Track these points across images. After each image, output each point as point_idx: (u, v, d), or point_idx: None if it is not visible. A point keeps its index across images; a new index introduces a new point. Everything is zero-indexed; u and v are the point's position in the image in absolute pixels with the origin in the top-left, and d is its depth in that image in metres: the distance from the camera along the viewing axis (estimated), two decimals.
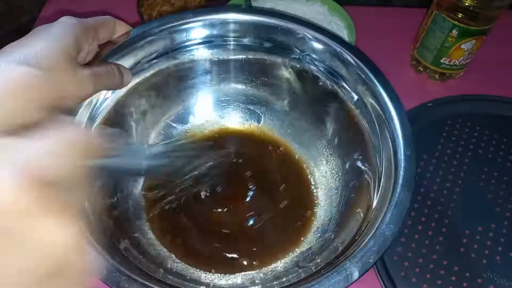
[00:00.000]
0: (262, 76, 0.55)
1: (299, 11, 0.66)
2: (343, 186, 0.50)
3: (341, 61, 0.47)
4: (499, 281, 0.48)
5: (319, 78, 0.50)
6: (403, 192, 0.37)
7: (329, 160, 0.53)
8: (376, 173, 0.43)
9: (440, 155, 0.58)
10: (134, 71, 0.48)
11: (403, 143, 0.40)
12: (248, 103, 0.57)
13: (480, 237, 0.51)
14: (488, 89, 0.64)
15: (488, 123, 0.61)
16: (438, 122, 0.61)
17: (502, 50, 0.70)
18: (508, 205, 0.53)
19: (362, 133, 0.47)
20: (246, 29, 0.50)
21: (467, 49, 0.60)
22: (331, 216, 0.49)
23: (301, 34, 0.49)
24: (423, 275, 0.48)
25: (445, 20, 0.58)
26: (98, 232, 0.38)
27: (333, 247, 0.43)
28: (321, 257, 0.43)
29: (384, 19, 0.74)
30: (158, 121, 0.54)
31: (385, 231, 0.35)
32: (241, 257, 0.47)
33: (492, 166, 0.57)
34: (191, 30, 0.49)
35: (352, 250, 0.36)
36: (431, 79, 0.66)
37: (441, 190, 0.55)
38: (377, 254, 0.34)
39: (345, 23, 0.65)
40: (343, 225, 0.46)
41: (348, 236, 0.42)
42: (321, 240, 0.47)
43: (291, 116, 0.56)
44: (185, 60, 0.52)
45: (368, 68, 0.45)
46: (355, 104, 0.48)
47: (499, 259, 0.49)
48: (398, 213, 0.36)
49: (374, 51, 0.52)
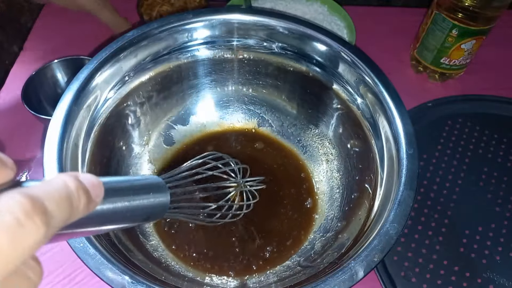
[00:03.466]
0: (263, 77, 0.55)
1: (299, 11, 0.66)
2: (345, 185, 0.50)
3: (342, 61, 0.47)
4: (499, 281, 0.48)
5: (319, 78, 0.50)
6: (406, 190, 0.37)
7: (330, 159, 0.53)
8: (378, 172, 0.43)
9: (440, 155, 0.58)
10: (135, 72, 0.48)
11: (405, 141, 0.40)
12: (249, 103, 0.57)
13: (480, 237, 0.51)
14: (488, 89, 0.64)
15: (488, 123, 0.61)
16: (438, 122, 0.61)
17: (502, 50, 0.70)
18: (508, 205, 0.54)
19: (364, 133, 0.47)
20: (246, 29, 0.50)
21: (467, 49, 0.60)
22: (333, 216, 0.49)
23: (301, 34, 0.49)
24: (423, 275, 0.48)
25: (445, 20, 0.58)
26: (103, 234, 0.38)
27: (336, 247, 0.43)
28: (324, 257, 0.43)
29: (384, 19, 0.74)
30: (159, 121, 0.54)
31: (389, 230, 0.35)
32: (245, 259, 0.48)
33: (492, 166, 0.57)
34: (192, 30, 0.49)
35: (356, 250, 0.36)
36: (431, 79, 0.66)
37: (441, 190, 0.55)
38: (381, 253, 0.34)
39: (345, 23, 0.65)
40: (346, 225, 0.46)
41: (351, 236, 0.42)
42: (323, 240, 0.47)
43: (292, 116, 0.56)
44: (186, 61, 0.51)
45: (369, 67, 0.45)
46: (356, 103, 0.48)
47: (499, 259, 0.49)
48: (402, 212, 0.36)
49: (374, 51, 0.52)
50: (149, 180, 0.29)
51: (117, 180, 0.26)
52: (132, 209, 0.26)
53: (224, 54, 0.52)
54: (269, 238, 0.49)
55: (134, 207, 0.26)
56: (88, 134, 0.44)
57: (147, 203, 0.28)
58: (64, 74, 0.57)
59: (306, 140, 0.56)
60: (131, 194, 0.26)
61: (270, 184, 0.53)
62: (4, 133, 0.58)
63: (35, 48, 0.67)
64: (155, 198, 0.28)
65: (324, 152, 0.54)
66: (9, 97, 0.61)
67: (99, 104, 0.45)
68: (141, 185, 0.28)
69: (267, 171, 0.54)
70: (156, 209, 0.29)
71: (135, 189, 0.27)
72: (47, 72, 0.56)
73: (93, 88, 0.44)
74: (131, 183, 0.27)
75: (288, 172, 0.54)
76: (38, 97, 0.55)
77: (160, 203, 0.29)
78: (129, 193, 0.26)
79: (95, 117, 0.45)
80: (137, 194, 0.27)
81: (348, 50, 0.47)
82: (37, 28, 0.70)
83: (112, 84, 0.46)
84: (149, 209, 0.28)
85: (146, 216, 0.28)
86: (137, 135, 0.52)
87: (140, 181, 0.28)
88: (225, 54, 0.53)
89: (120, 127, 0.49)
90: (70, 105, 0.41)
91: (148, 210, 0.28)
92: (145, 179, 0.29)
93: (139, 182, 0.28)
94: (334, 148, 0.53)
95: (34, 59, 0.64)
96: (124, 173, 0.50)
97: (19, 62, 0.65)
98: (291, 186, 0.53)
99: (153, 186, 0.29)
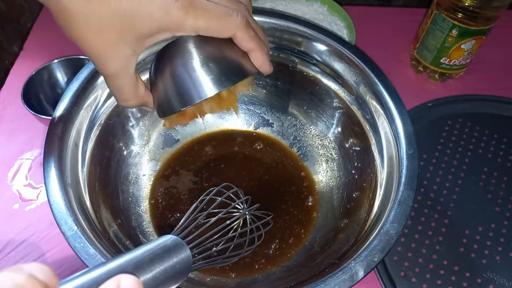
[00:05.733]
0: (263, 77, 0.55)
1: (299, 11, 0.66)
2: (345, 185, 0.50)
3: (342, 61, 0.47)
4: (499, 281, 0.48)
5: (320, 78, 0.50)
6: (406, 190, 0.37)
7: (330, 159, 0.53)
8: (378, 172, 0.43)
9: (440, 155, 0.58)
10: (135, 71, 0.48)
11: (405, 141, 0.40)
12: (249, 103, 0.57)
13: (480, 237, 0.51)
14: (488, 89, 0.64)
15: (488, 123, 0.61)
16: (438, 122, 0.61)
17: (502, 50, 0.70)
18: (508, 205, 0.54)
19: (364, 132, 0.47)
20: None
21: (467, 49, 0.60)
22: (333, 215, 0.49)
23: (301, 34, 0.49)
24: (423, 275, 0.48)
25: (445, 20, 0.58)
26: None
27: (336, 247, 0.43)
28: (324, 257, 0.43)
29: (384, 19, 0.74)
30: (159, 122, 0.54)
31: (389, 229, 0.35)
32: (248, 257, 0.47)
33: (492, 166, 0.57)
34: None
35: (356, 250, 0.36)
36: (431, 79, 0.66)
37: (441, 190, 0.55)
38: (381, 253, 0.34)
39: (345, 23, 0.65)
40: (346, 225, 0.46)
41: (351, 235, 0.42)
42: (323, 240, 0.47)
43: (292, 116, 0.56)
44: None
45: (369, 67, 0.45)
46: (356, 103, 0.48)
47: (499, 259, 0.49)
48: (402, 212, 0.36)
49: (374, 51, 0.52)
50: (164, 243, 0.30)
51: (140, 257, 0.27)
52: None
53: None
54: (271, 238, 0.49)
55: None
56: (88, 134, 0.44)
57: (170, 267, 0.28)
58: (64, 74, 0.57)
59: (306, 140, 0.56)
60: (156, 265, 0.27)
61: (270, 184, 0.53)
62: (4, 133, 0.58)
63: (35, 48, 0.67)
64: (178, 258, 0.29)
65: (324, 152, 0.54)
66: (9, 97, 0.61)
67: (99, 104, 0.45)
68: (160, 250, 0.29)
69: (267, 170, 0.54)
70: (180, 268, 0.29)
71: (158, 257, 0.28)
72: (47, 72, 0.56)
73: (93, 88, 0.44)
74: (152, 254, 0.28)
75: (288, 171, 0.54)
76: (38, 97, 0.55)
77: (183, 261, 0.30)
78: (156, 264, 0.27)
79: (95, 117, 0.45)
80: (161, 262, 0.28)
81: (348, 50, 0.47)
82: (37, 28, 0.70)
83: None
84: (175, 270, 0.29)
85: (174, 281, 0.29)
86: (137, 135, 0.52)
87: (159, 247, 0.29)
88: None
89: (120, 127, 0.49)
90: (70, 105, 0.41)
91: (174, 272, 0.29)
92: (163, 244, 0.29)
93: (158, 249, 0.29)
94: (334, 148, 0.53)
95: (34, 59, 0.64)
96: (124, 173, 0.50)
97: (19, 62, 0.65)
98: (291, 186, 0.53)
99: (171, 249, 0.29)
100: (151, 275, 0.26)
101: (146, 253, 0.27)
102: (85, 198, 0.40)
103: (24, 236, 0.49)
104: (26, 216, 0.51)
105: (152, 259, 0.27)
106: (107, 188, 0.46)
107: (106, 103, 0.46)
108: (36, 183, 0.54)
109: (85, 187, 0.41)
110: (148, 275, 0.26)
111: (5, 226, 0.50)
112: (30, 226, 0.50)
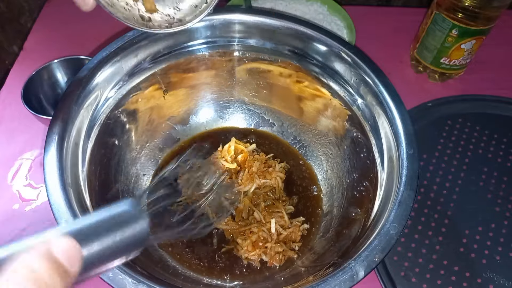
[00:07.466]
0: (264, 77, 0.55)
1: (299, 11, 0.66)
2: (345, 185, 0.50)
3: (342, 61, 0.47)
4: (499, 281, 0.48)
5: (319, 78, 0.50)
6: (406, 191, 0.37)
7: (330, 159, 0.53)
8: (379, 172, 0.43)
9: (440, 155, 0.58)
10: (136, 71, 0.48)
11: (405, 142, 0.40)
12: (249, 103, 0.57)
13: (480, 237, 0.51)
14: (488, 89, 0.64)
15: (488, 123, 0.61)
16: (438, 122, 0.61)
17: (502, 50, 0.70)
18: (508, 205, 0.54)
19: (364, 132, 0.47)
20: (247, 29, 0.50)
21: (466, 49, 0.60)
22: (332, 215, 0.49)
23: (301, 34, 0.49)
24: (423, 275, 0.48)
25: (445, 20, 0.58)
26: None
27: (336, 247, 0.43)
28: (324, 257, 0.43)
29: (384, 19, 0.74)
30: (159, 121, 0.54)
31: (389, 230, 0.35)
32: None
33: (492, 166, 0.57)
34: (193, 30, 0.49)
35: (357, 250, 0.36)
36: (431, 79, 0.66)
37: (441, 190, 0.55)
38: (382, 253, 0.34)
39: (345, 23, 0.65)
40: (346, 224, 0.46)
41: (352, 235, 0.42)
42: (323, 240, 0.47)
43: (292, 116, 0.56)
44: (187, 61, 0.51)
45: (369, 67, 0.45)
46: (356, 103, 0.48)
47: (499, 259, 0.49)
48: (402, 212, 0.36)
49: (374, 51, 0.52)
50: (120, 210, 0.27)
51: (89, 225, 0.24)
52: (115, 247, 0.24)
53: (224, 53, 0.52)
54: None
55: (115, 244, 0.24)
56: (88, 133, 0.44)
57: (124, 237, 0.25)
58: (64, 74, 0.57)
59: (306, 140, 0.56)
60: (106, 233, 0.24)
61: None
62: (4, 133, 0.58)
63: (35, 48, 0.67)
64: (130, 229, 0.26)
65: (324, 152, 0.54)
66: (9, 97, 0.61)
67: (99, 103, 0.45)
68: (113, 219, 0.25)
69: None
70: (135, 239, 0.26)
71: (107, 226, 0.25)
72: (47, 72, 0.56)
73: (93, 88, 0.44)
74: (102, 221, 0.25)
75: (288, 171, 0.54)
76: (38, 97, 0.55)
77: (138, 233, 0.26)
78: (104, 233, 0.24)
79: (95, 116, 0.45)
80: (111, 231, 0.24)
81: (348, 50, 0.47)
82: (37, 28, 0.70)
83: (113, 83, 0.46)
84: (129, 241, 0.25)
85: (128, 252, 0.26)
86: (137, 135, 0.52)
87: (110, 216, 0.26)
88: (225, 54, 0.53)
89: (120, 126, 0.49)
90: (70, 105, 0.41)
91: (129, 242, 0.25)
92: (116, 212, 0.26)
93: (110, 217, 0.26)
94: (334, 148, 0.53)
95: (34, 59, 0.64)
96: (124, 173, 0.50)
97: (19, 62, 0.65)
98: (291, 185, 0.53)
99: (125, 217, 0.26)
100: (97, 240, 0.23)
101: (94, 217, 0.24)
102: (85, 198, 0.40)
103: (24, 236, 0.49)
104: (26, 216, 0.51)
105: (100, 224, 0.24)
106: (107, 188, 0.46)
107: (106, 103, 0.46)
108: (36, 183, 0.54)
109: (85, 187, 0.41)
110: (93, 240, 0.23)
111: (5, 226, 0.50)
112: (30, 226, 0.50)
